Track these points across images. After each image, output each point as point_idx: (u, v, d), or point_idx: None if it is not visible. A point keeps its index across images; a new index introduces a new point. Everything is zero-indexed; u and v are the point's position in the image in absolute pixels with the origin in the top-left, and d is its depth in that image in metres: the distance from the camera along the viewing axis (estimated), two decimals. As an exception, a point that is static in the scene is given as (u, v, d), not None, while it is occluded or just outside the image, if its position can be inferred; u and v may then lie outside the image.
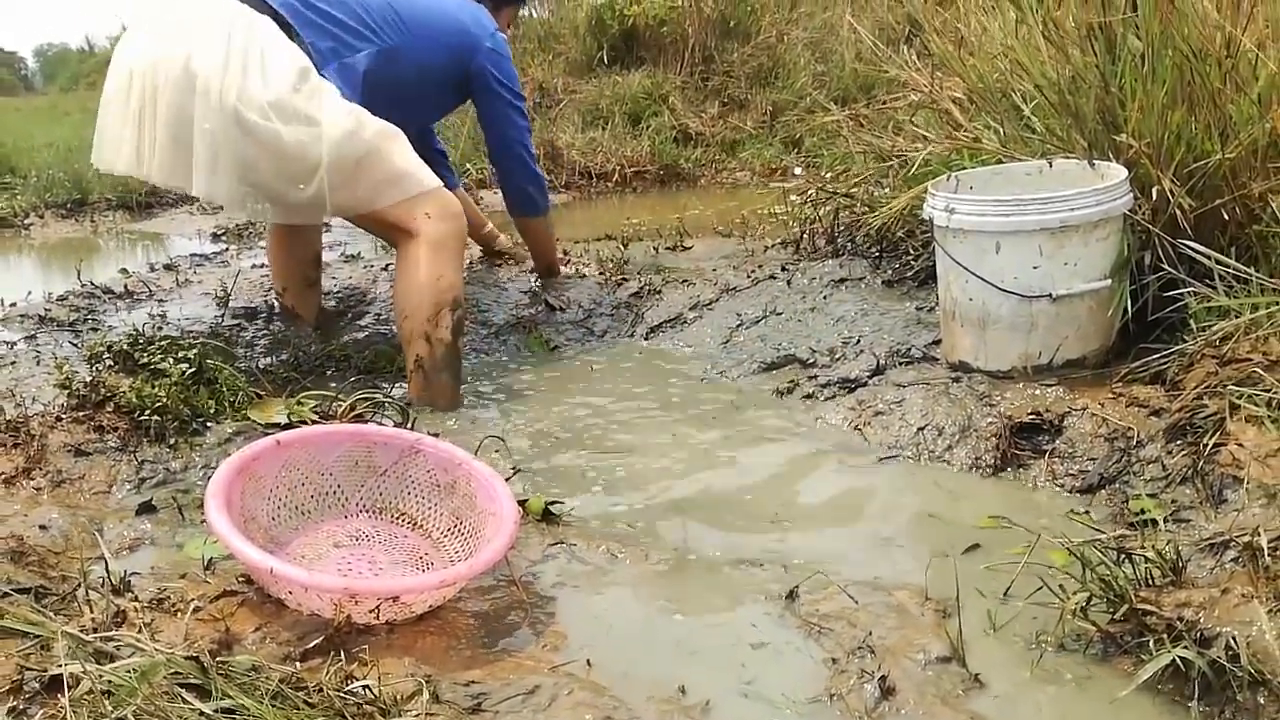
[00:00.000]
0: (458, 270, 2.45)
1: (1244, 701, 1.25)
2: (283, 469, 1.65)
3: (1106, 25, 2.29)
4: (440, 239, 2.40)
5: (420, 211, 2.40)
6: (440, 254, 2.40)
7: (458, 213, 2.46)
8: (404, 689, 1.26)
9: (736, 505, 1.94)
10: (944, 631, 1.43)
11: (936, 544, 1.74)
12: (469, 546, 1.63)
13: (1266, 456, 1.66)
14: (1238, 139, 2.06)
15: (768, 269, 3.20)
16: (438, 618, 1.50)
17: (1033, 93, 2.59)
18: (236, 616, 1.45)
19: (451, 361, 2.42)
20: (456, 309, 2.41)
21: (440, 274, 2.39)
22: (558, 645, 1.47)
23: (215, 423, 2.16)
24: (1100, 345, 2.16)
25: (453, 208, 2.45)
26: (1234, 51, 2.11)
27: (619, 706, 1.31)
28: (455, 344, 2.42)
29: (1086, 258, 2.08)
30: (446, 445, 1.76)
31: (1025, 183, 2.29)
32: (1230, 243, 2.09)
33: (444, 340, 2.40)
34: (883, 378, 2.37)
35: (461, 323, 2.45)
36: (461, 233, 2.49)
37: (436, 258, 2.39)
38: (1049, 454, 1.95)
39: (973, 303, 2.16)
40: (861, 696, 1.33)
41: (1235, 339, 1.85)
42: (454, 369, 2.43)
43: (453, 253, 2.43)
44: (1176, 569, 1.43)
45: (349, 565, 1.59)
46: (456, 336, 2.42)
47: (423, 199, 2.41)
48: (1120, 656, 1.38)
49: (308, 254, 3.03)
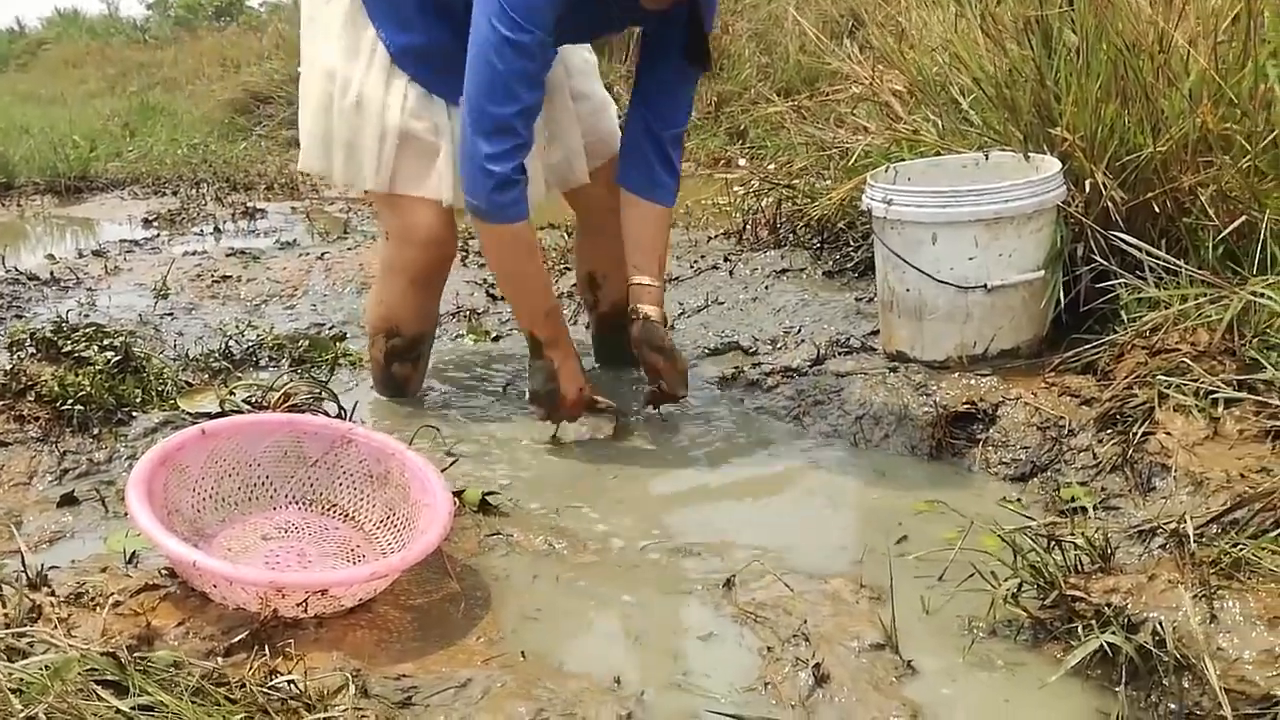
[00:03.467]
0: (400, 301, 2.23)
1: (1170, 686, 1.27)
2: (209, 459, 1.61)
3: (1043, 19, 2.32)
4: (390, 263, 2.22)
5: (384, 225, 2.23)
6: (387, 278, 2.23)
7: (424, 241, 2.14)
8: (331, 683, 1.24)
9: (675, 494, 1.94)
10: (878, 618, 1.43)
11: (872, 532, 1.74)
12: (402, 538, 1.60)
13: (1194, 445, 1.69)
14: (1169, 133, 2.09)
15: (710, 259, 3.20)
16: (369, 611, 1.47)
17: (971, 86, 2.62)
18: (159, 611, 1.41)
19: (385, 382, 2.35)
20: (391, 338, 2.27)
21: (381, 299, 2.27)
22: (492, 637, 1.45)
23: (142, 412, 2.11)
24: (1034, 335, 2.19)
25: (418, 233, 2.12)
26: (1166, 47, 2.15)
27: (553, 698, 1.29)
28: (388, 369, 2.31)
29: (1021, 249, 2.10)
30: (379, 435, 1.73)
31: (962, 175, 2.31)
32: (1161, 235, 2.13)
33: (376, 360, 2.33)
34: (822, 367, 2.37)
35: (398, 351, 2.29)
36: (422, 263, 2.18)
37: (383, 281, 2.25)
38: (983, 442, 1.97)
39: (910, 293, 2.17)
40: (795, 685, 1.33)
41: (1165, 330, 1.89)
42: (386, 389, 2.35)
43: (403, 283, 2.20)
44: (1105, 556, 1.45)
45: (277, 558, 1.56)
46: (389, 363, 2.30)
47: (386, 208, 2.17)
48: (1050, 642, 1.40)
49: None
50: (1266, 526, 1.43)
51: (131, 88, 10.74)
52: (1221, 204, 2.02)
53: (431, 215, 2.12)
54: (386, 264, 2.23)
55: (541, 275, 2.05)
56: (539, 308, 2.04)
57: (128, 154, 6.76)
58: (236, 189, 5.64)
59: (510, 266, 2.02)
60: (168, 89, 10.36)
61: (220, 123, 7.93)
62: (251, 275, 3.35)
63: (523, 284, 2.03)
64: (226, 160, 6.38)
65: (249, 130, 7.54)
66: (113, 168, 6.34)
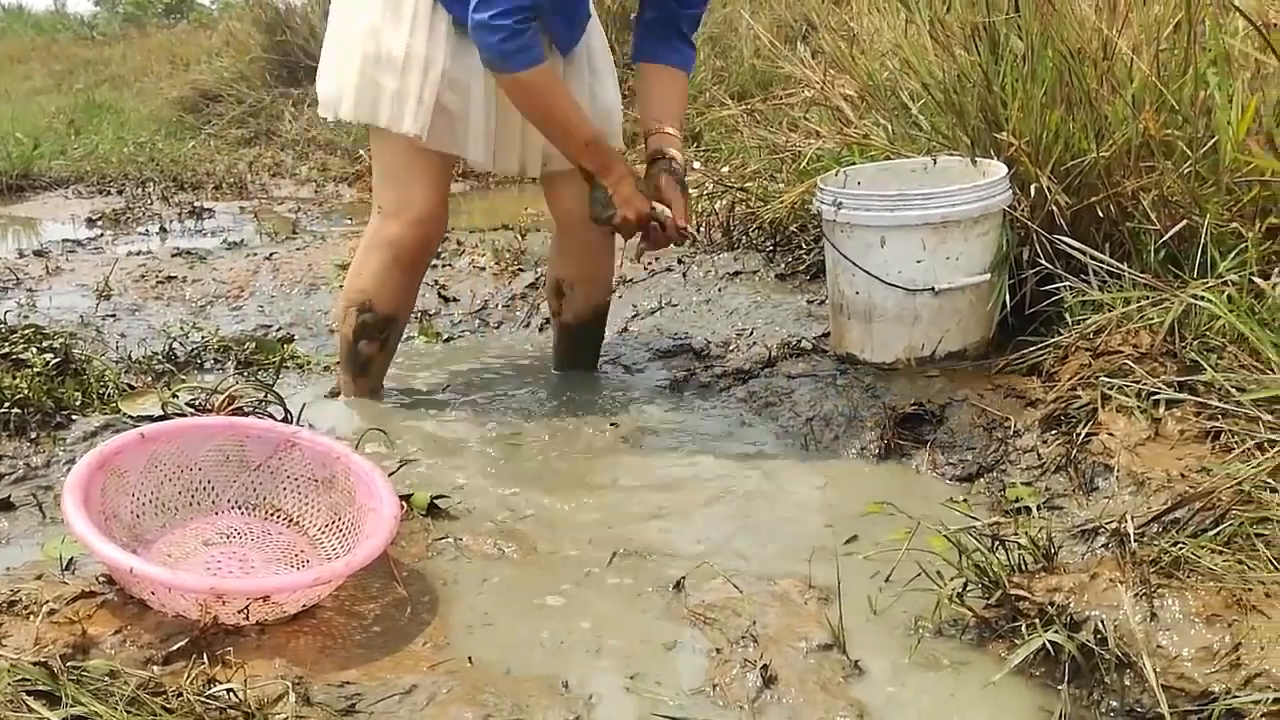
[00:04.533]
0: (379, 277, 2.23)
1: (1111, 683, 1.29)
2: (148, 463, 1.57)
3: (990, 26, 2.35)
4: (376, 236, 2.23)
5: (378, 198, 2.23)
6: (371, 253, 2.23)
7: (415, 218, 2.17)
8: (271, 692, 1.21)
9: (626, 497, 1.93)
10: (826, 619, 1.44)
11: (822, 532, 1.75)
12: (347, 543, 1.58)
13: (1136, 445, 1.71)
14: (1112, 139, 2.13)
15: (664, 261, 3.19)
16: (313, 617, 1.45)
17: (920, 91, 2.64)
18: (95, 619, 1.38)
19: (350, 359, 2.33)
20: (364, 313, 2.26)
21: (359, 272, 2.26)
22: (439, 643, 1.44)
23: (82, 415, 2.07)
24: (980, 338, 2.21)
25: (411, 210, 2.17)
26: (1110, 54, 2.19)
27: (500, 704, 1.28)
28: (355, 345, 2.30)
29: (968, 252, 2.12)
30: (325, 439, 1.70)
31: (910, 179, 2.33)
32: (1104, 239, 2.16)
33: (345, 337, 2.32)
34: (774, 369, 2.39)
35: (368, 328, 2.27)
36: (408, 241, 2.20)
37: (365, 254, 2.25)
38: (931, 443, 1.99)
39: (859, 296, 2.18)
40: (744, 686, 1.33)
41: (1108, 332, 1.92)
42: (350, 366, 2.34)
43: (386, 258, 2.21)
44: (1049, 555, 1.47)
45: (219, 564, 1.53)
46: (358, 339, 2.29)
47: (385, 181, 2.20)
48: (995, 641, 1.41)
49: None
50: (1206, 525, 1.46)
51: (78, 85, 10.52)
52: (1163, 208, 2.05)
53: (429, 192, 2.17)
54: (372, 238, 2.25)
55: (571, 111, 2.06)
56: (577, 141, 2.07)
57: (72, 152, 6.62)
58: (184, 188, 5.55)
59: (536, 110, 2.05)
60: (115, 86, 10.16)
61: (168, 121, 7.79)
62: (197, 276, 3.29)
63: (553, 123, 2.06)
64: (174, 159, 6.27)
65: (198, 129, 7.41)
66: (57, 166, 6.21)
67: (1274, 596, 1.28)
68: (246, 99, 7.37)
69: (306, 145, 6.57)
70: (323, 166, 6.08)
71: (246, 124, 7.24)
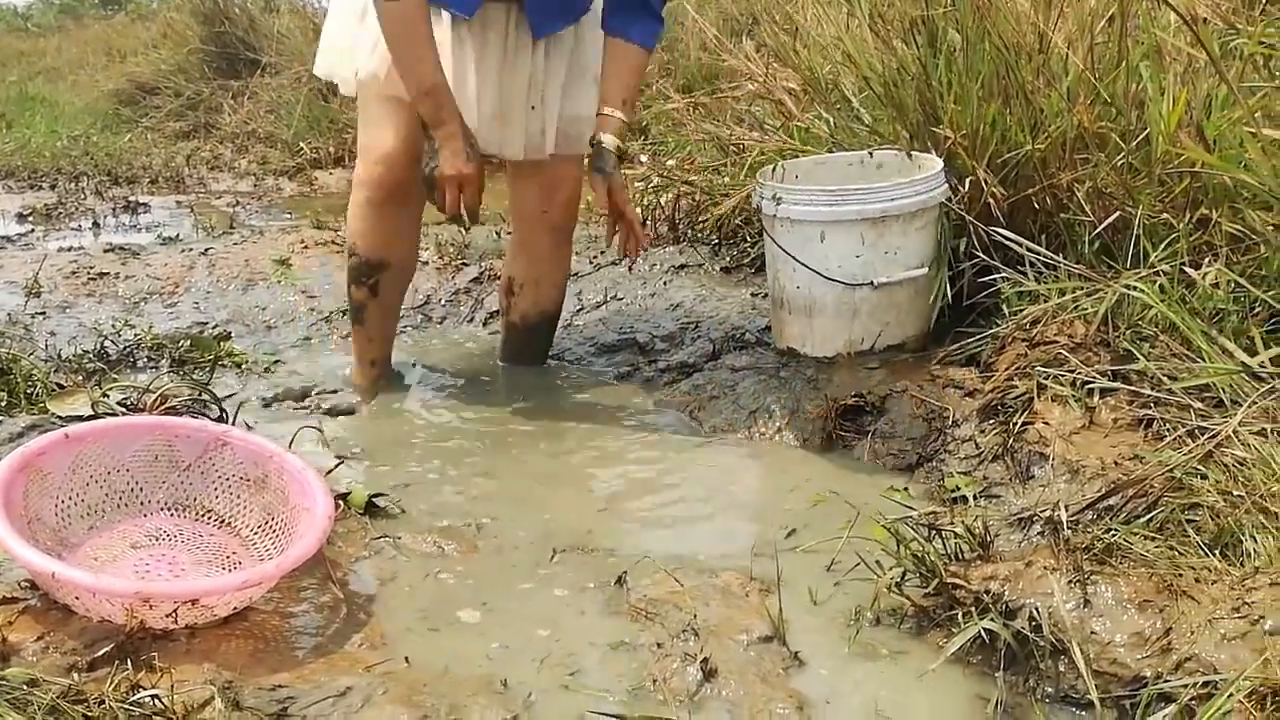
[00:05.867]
0: (357, 218, 2.28)
1: (1046, 670, 1.31)
2: (73, 464, 1.53)
3: (928, 19, 2.36)
4: (355, 177, 2.28)
5: (359, 141, 2.28)
6: (353, 194, 2.29)
7: (378, 158, 2.20)
8: (198, 696, 1.18)
9: (568, 493, 1.92)
10: (766, 611, 1.44)
11: (763, 524, 1.75)
12: (281, 544, 1.54)
13: (1070, 434, 1.74)
14: (1048, 131, 2.15)
15: (610, 254, 3.17)
16: (246, 620, 1.41)
17: (861, 84, 2.65)
18: (17, 626, 1.33)
19: (355, 312, 2.38)
20: (351, 256, 2.33)
21: (349, 219, 2.32)
22: (375, 644, 1.42)
23: (8, 416, 1.99)
24: (919, 330, 2.23)
25: (376, 149, 2.20)
26: (1045, 48, 2.21)
27: (437, 704, 1.26)
28: (348, 290, 2.36)
29: (906, 246, 2.13)
30: (257, 437, 1.66)
31: (848, 174, 2.34)
32: (1040, 230, 2.19)
33: (346, 286, 2.37)
34: (718, 363, 2.38)
35: (355, 272, 2.32)
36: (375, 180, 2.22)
37: (351, 197, 2.30)
38: (872, 434, 2.00)
39: (800, 290, 2.19)
40: (684, 680, 1.33)
41: (1043, 322, 1.94)
42: (356, 319, 2.38)
43: (358, 199, 2.27)
44: (985, 544, 1.48)
45: (147, 567, 1.49)
46: (349, 284, 2.35)
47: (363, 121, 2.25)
48: (933, 630, 1.42)
49: None
50: (1138, 512, 1.48)
51: (11, 77, 10.23)
52: (1097, 200, 2.08)
53: (389, 134, 2.18)
54: (354, 179, 2.29)
55: (425, 57, 2.04)
56: (417, 82, 2.05)
57: (3, 146, 6.42)
58: (119, 182, 5.40)
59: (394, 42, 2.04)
60: (50, 79, 9.88)
61: (104, 114, 7.58)
62: (131, 272, 3.21)
63: (401, 59, 2.05)
64: (109, 153, 6.10)
65: (134, 122, 7.23)
66: (-14, 160, 6.02)
67: (1204, 582, 1.30)
68: (185, 91, 7.20)
69: (246, 138, 6.44)
70: (263, 160, 5.96)
71: (185, 117, 7.08)
